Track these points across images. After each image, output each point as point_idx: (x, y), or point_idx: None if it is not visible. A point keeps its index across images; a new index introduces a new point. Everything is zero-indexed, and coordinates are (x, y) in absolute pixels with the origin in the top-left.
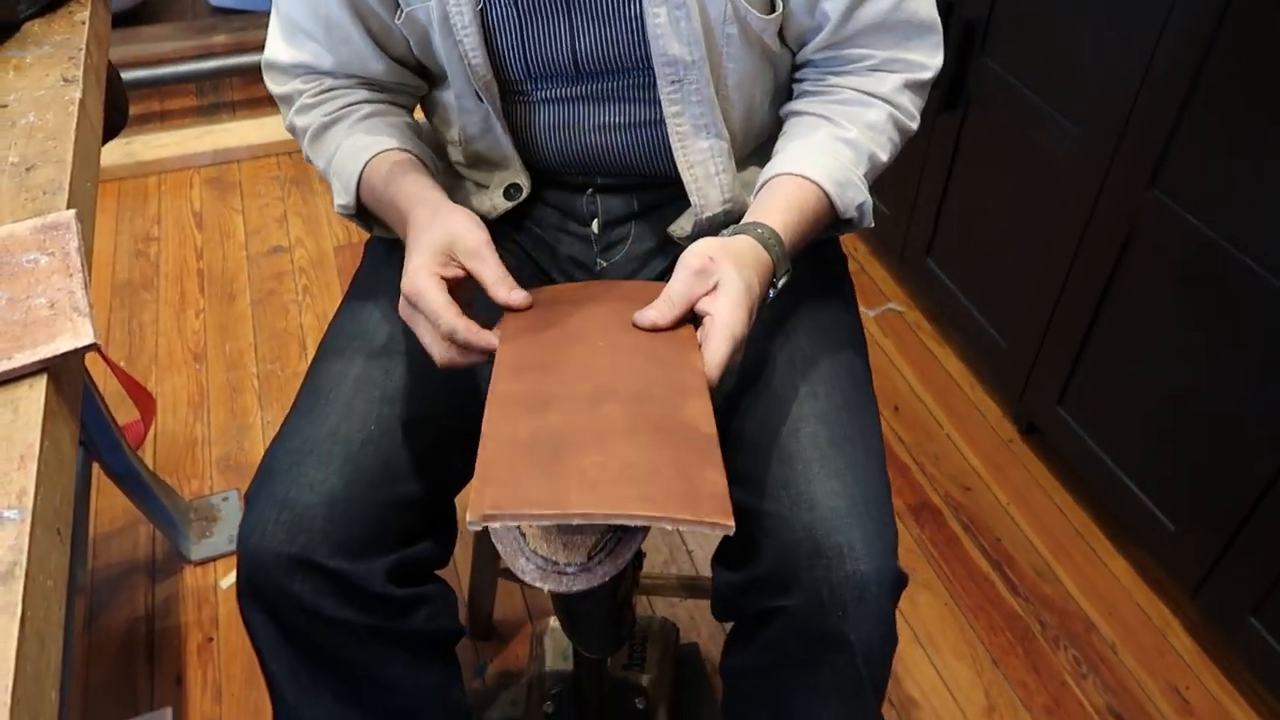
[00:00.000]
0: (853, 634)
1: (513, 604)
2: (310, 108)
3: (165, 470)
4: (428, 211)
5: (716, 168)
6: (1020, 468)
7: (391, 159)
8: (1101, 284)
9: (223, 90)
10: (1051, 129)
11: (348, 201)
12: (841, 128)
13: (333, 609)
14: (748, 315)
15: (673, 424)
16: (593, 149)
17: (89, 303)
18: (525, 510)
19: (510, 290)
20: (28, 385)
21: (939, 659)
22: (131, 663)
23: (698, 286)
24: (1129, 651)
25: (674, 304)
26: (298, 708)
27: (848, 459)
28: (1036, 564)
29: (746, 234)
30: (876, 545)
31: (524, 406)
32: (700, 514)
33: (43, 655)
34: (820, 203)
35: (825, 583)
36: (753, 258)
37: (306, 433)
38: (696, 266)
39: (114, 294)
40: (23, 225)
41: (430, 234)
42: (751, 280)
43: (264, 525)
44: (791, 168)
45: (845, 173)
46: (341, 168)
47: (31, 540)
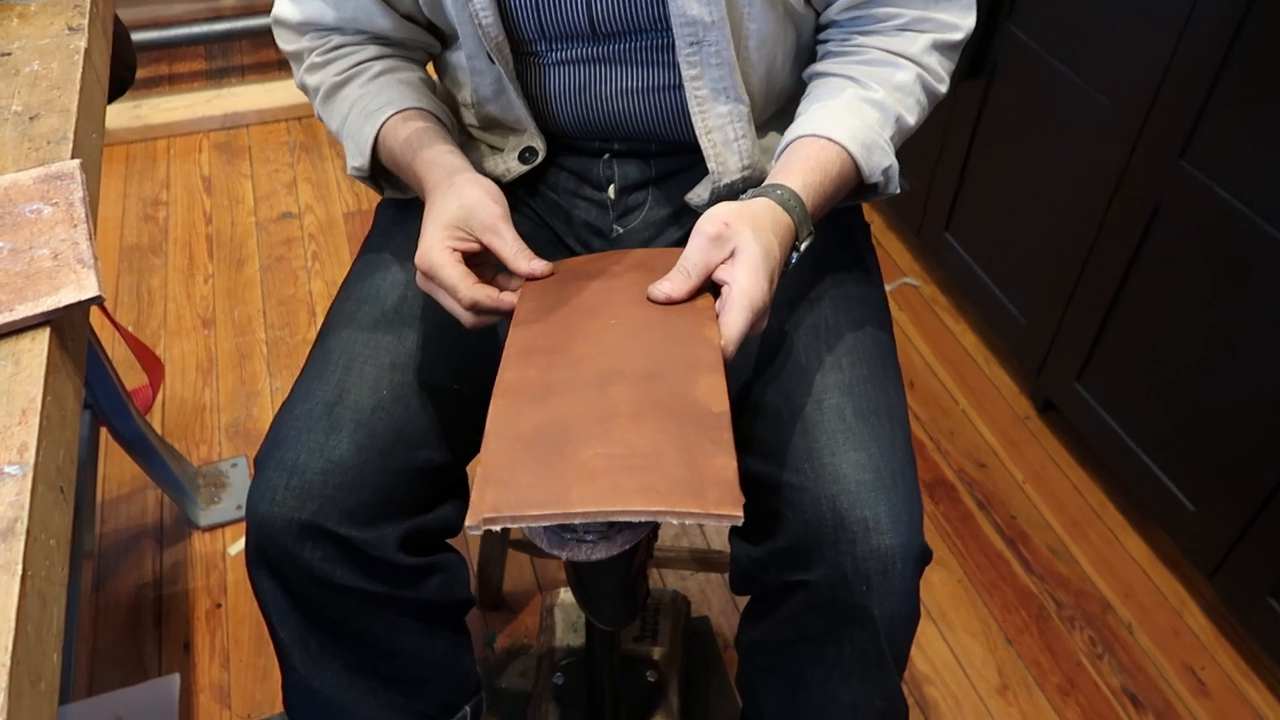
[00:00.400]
0: (876, 609)
1: (522, 575)
2: (320, 66)
3: (173, 436)
4: (444, 182)
5: (735, 133)
6: (1036, 445)
7: (407, 121)
8: (1126, 258)
9: (232, 54)
10: (1079, 100)
11: (362, 164)
12: (868, 89)
13: (343, 577)
14: (768, 282)
15: (682, 404)
16: (608, 114)
17: (94, 254)
18: (525, 511)
19: (530, 261)
20: (30, 338)
21: (952, 636)
22: (139, 628)
23: (714, 254)
24: (1144, 632)
25: (689, 274)
26: (307, 675)
27: (873, 431)
28: (1051, 542)
29: (765, 196)
30: (903, 520)
31: (529, 396)
32: (707, 505)
33: (44, 616)
34: (845, 166)
35: (849, 557)
36: (771, 220)
37: (316, 398)
38: (712, 233)
39: (122, 258)
40: (26, 175)
41: (444, 207)
42: (771, 245)
43: (273, 491)
44: (814, 129)
45: (871, 135)
46: (356, 130)
47: (33, 497)
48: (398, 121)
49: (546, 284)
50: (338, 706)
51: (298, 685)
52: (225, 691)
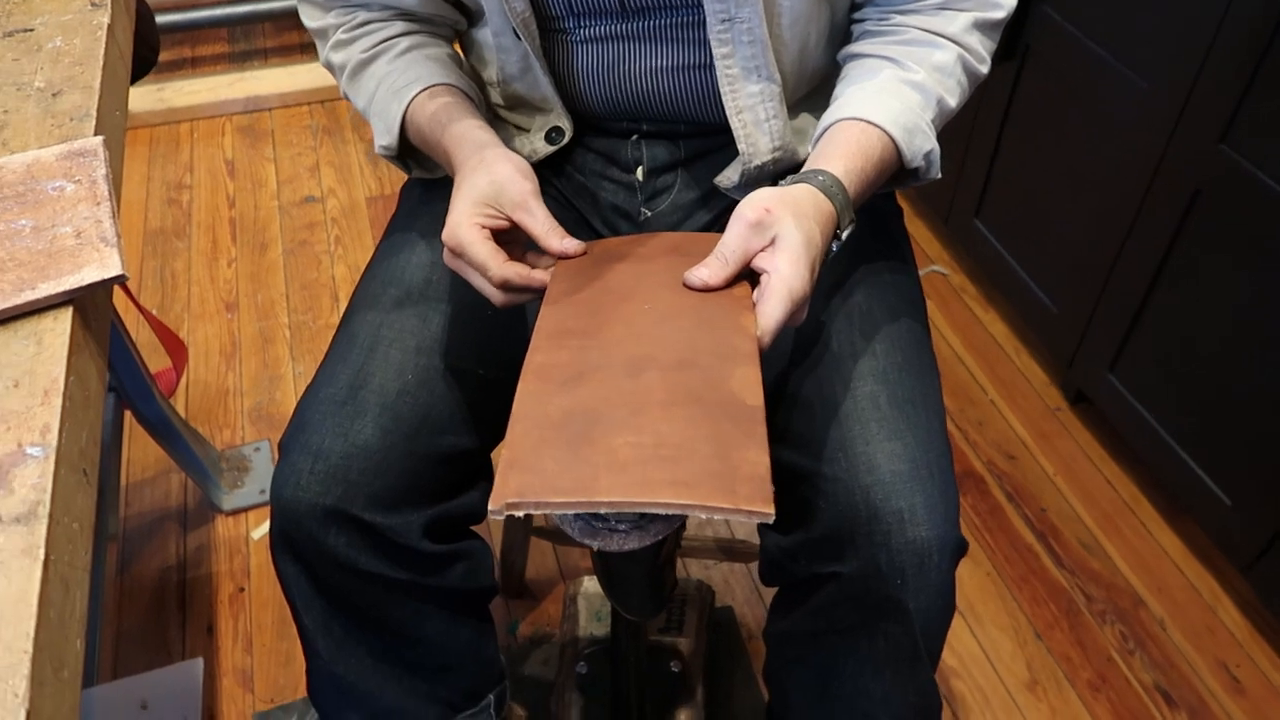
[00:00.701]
0: (911, 602)
1: (545, 562)
2: (346, 43)
3: (197, 419)
4: (473, 157)
5: (767, 113)
6: (1067, 437)
7: (434, 97)
8: (1163, 245)
9: (255, 37)
10: (1116, 82)
11: (390, 143)
12: (907, 70)
13: (368, 563)
14: (809, 272)
15: (716, 395)
16: (637, 93)
17: (117, 232)
18: (550, 498)
19: (561, 239)
20: (52, 317)
21: (980, 629)
22: (163, 612)
23: (754, 241)
24: (1177, 628)
25: (727, 261)
26: (331, 661)
27: (909, 420)
28: (1083, 536)
29: (806, 182)
30: (939, 511)
31: (558, 380)
32: (737, 501)
33: (67, 601)
34: (886, 150)
35: (884, 549)
36: (813, 207)
37: (341, 381)
38: (752, 219)
39: (146, 241)
40: (49, 151)
41: (473, 183)
42: (813, 233)
43: (298, 476)
44: (854, 112)
45: (912, 118)
46: (384, 108)
47: (55, 480)
48: (425, 98)
49: (579, 265)
50: (361, 693)
51: (321, 671)
52: (248, 676)
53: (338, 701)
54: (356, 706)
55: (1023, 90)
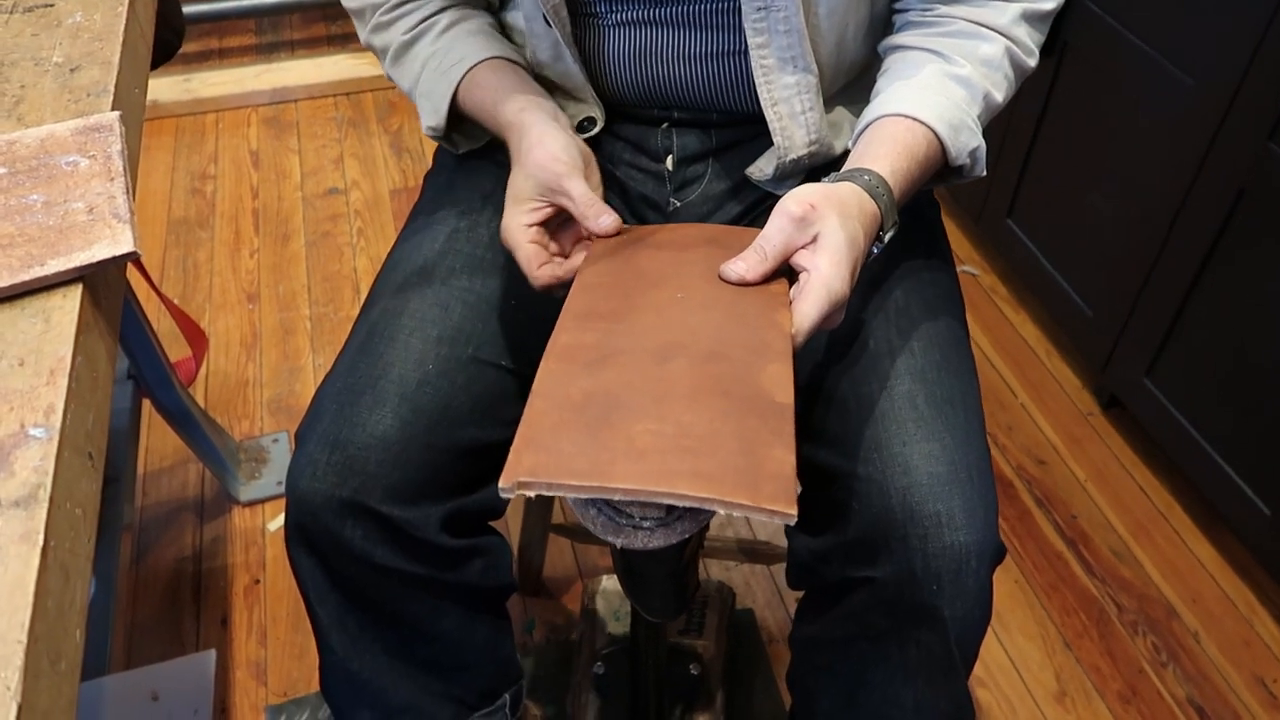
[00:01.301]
0: (947, 610)
1: (563, 560)
2: (387, 25)
3: (216, 410)
4: (516, 148)
5: (803, 105)
6: (1099, 442)
7: (477, 79)
8: (1205, 246)
9: (282, 29)
10: (1158, 78)
11: (437, 124)
12: (953, 63)
13: (384, 557)
14: (850, 273)
15: (745, 389)
16: (668, 80)
17: (130, 209)
18: (563, 480)
19: (598, 216)
20: (61, 295)
21: (1007, 638)
22: (177, 602)
23: (796, 237)
24: (1212, 640)
25: (766, 256)
26: (345, 657)
27: (947, 421)
28: (1114, 544)
29: (851, 181)
30: (978, 515)
31: (582, 361)
32: (759, 499)
33: (67, 590)
34: (931, 147)
35: (920, 554)
36: (858, 208)
37: (360, 371)
38: (797, 214)
39: (169, 231)
40: (63, 126)
41: (514, 181)
42: (856, 234)
43: (314, 466)
44: (898, 108)
45: (958, 114)
46: (430, 89)
47: (58, 463)
48: (469, 83)
49: (612, 250)
50: (375, 689)
51: (335, 666)
52: (262, 668)
53: (351, 698)
54: (370, 704)
55: (1061, 87)
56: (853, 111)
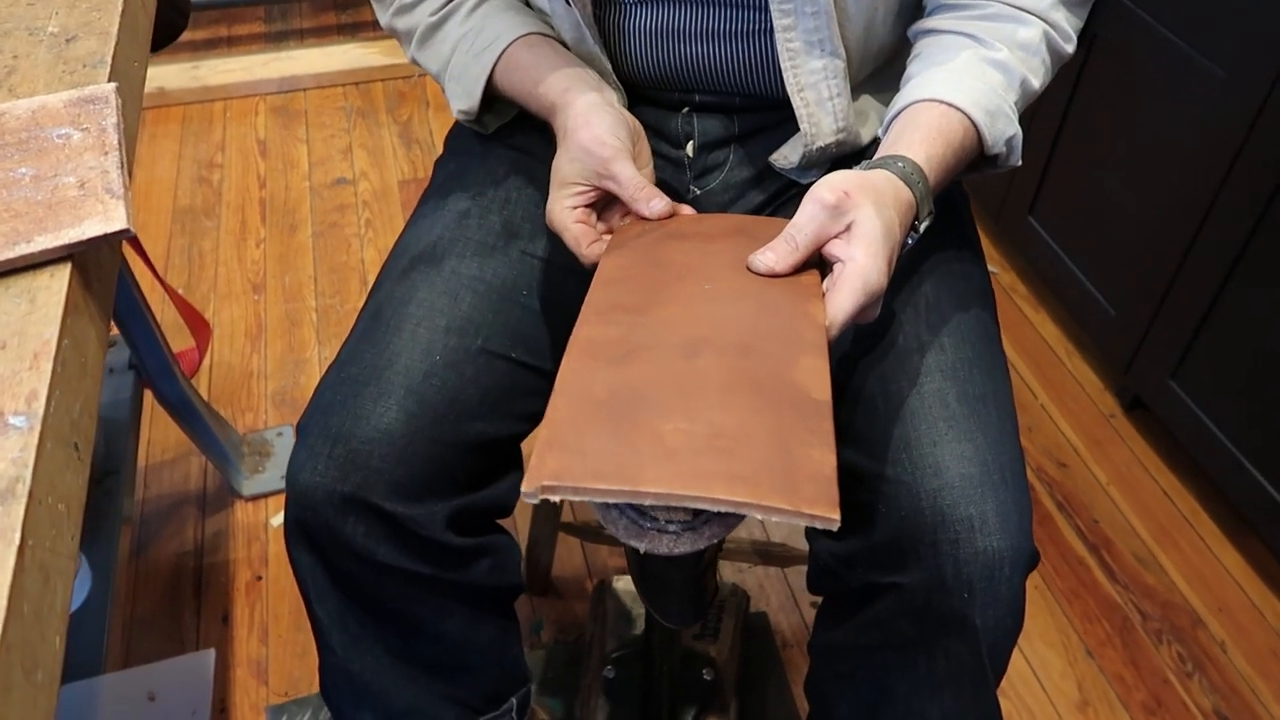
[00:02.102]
0: (978, 619)
1: (571, 559)
2: (411, 7)
3: (219, 402)
4: (560, 131)
5: (830, 91)
6: (1122, 445)
7: (516, 55)
8: (1238, 244)
9: (291, 17)
10: (1189, 71)
11: (470, 107)
12: (990, 48)
13: (386, 555)
14: (887, 264)
15: (778, 385)
16: (690, 61)
17: (125, 184)
18: (590, 484)
19: (649, 201)
20: (48, 274)
21: (1028, 645)
22: (178, 598)
23: (829, 225)
24: (1240, 651)
25: (797, 246)
26: (346, 658)
27: (979, 420)
28: (1138, 550)
29: (885, 168)
30: (1012, 519)
31: (606, 357)
32: (799, 502)
33: (46, 593)
34: (967, 135)
35: (950, 559)
36: (893, 196)
37: (365, 361)
38: (830, 201)
39: (175, 220)
40: (56, 97)
41: (558, 165)
42: (892, 223)
43: (315, 460)
44: (932, 93)
45: (995, 100)
46: (463, 71)
47: (39, 454)
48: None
49: (635, 241)
50: (376, 691)
51: (335, 667)
52: (263, 667)
53: (352, 700)
54: (371, 706)
55: (1087, 79)
56: (880, 100)
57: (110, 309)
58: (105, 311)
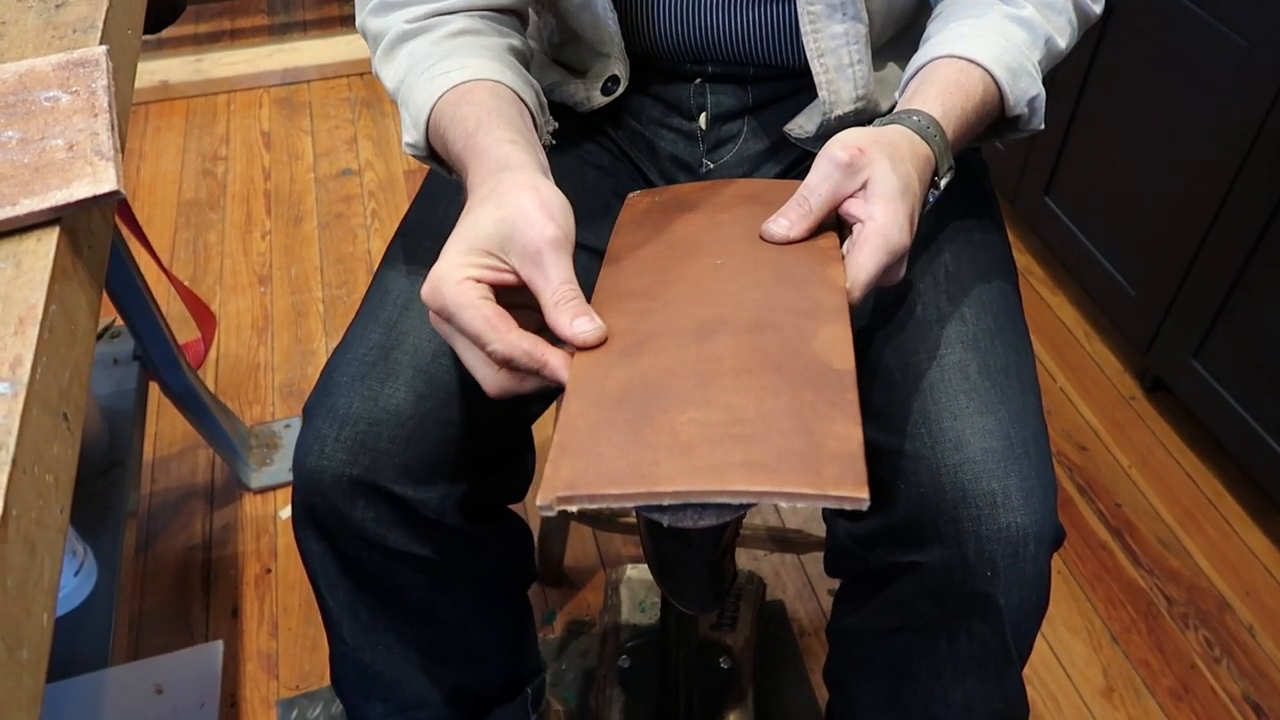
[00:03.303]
0: (1002, 598)
1: (584, 547)
2: (392, 7)
3: (227, 395)
4: (487, 182)
5: (851, 57)
6: (1143, 427)
7: (469, 94)
8: (1261, 219)
9: (294, 9)
10: (1211, 41)
11: (416, 140)
12: (1013, 4)
13: (397, 540)
14: (908, 221)
15: (797, 360)
16: (708, 29)
17: (115, 147)
18: (606, 489)
19: (573, 318)
20: (35, 238)
21: (1051, 631)
22: (186, 591)
23: (844, 184)
24: (1268, 635)
25: (810, 209)
26: (357, 648)
27: (1001, 393)
28: (1161, 533)
29: (899, 123)
30: (1037, 494)
31: (617, 349)
32: (824, 484)
33: (32, 566)
34: (988, 93)
35: (972, 537)
36: (909, 150)
37: (372, 342)
38: (843, 159)
39: (179, 213)
40: (45, 60)
41: (475, 220)
42: (910, 178)
43: (322, 443)
44: (952, 49)
45: (1018, 57)
46: (411, 95)
47: (24, 421)
48: (459, 95)
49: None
50: (388, 681)
51: (346, 658)
52: (273, 660)
53: (363, 691)
54: (383, 697)
55: (1105, 52)
56: (901, 67)
57: (102, 277)
58: (97, 279)
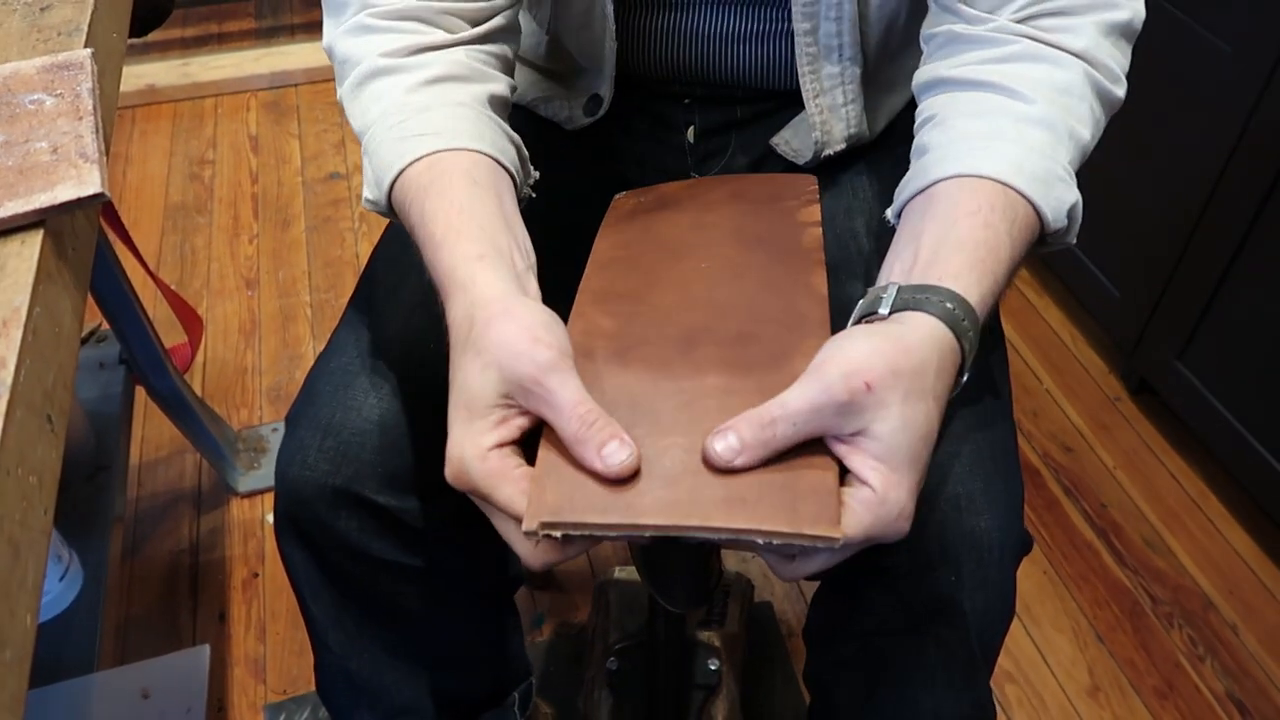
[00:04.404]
0: (966, 602)
1: None
2: (369, 31)
3: (214, 399)
4: (461, 327)
5: (845, 97)
6: (1128, 428)
7: (442, 172)
8: (1244, 222)
9: (281, 12)
10: (1193, 46)
11: (377, 198)
12: (1022, 99)
13: (381, 550)
14: (915, 482)
15: (779, 376)
16: (703, 61)
17: (100, 150)
18: (590, 519)
19: (602, 444)
20: (19, 241)
21: (1037, 631)
22: (173, 596)
23: (833, 424)
24: (1251, 633)
25: (774, 440)
26: (343, 656)
27: (969, 397)
28: (1146, 533)
29: (925, 311)
30: (1002, 500)
31: (603, 355)
32: (799, 523)
33: (16, 567)
34: (1025, 219)
35: (937, 540)
36: (936, 368)
37: (357, 348)
38: (842, 398)
39: (166, 217)
40: (29, 63)
41: (464, 383)
42: (930, 418)
43: (305, 453)
44: (962, 166)
45: (1043, 163)
46: (377, 151)
47: (8, 422)
48: (428, 174)
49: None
50: (375, 689)
51: (332, 666)
52: (260, 665)
53: (351, 699)
54: (370, 705)
55: None
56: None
57: (87, 279)
58: (82, 282)
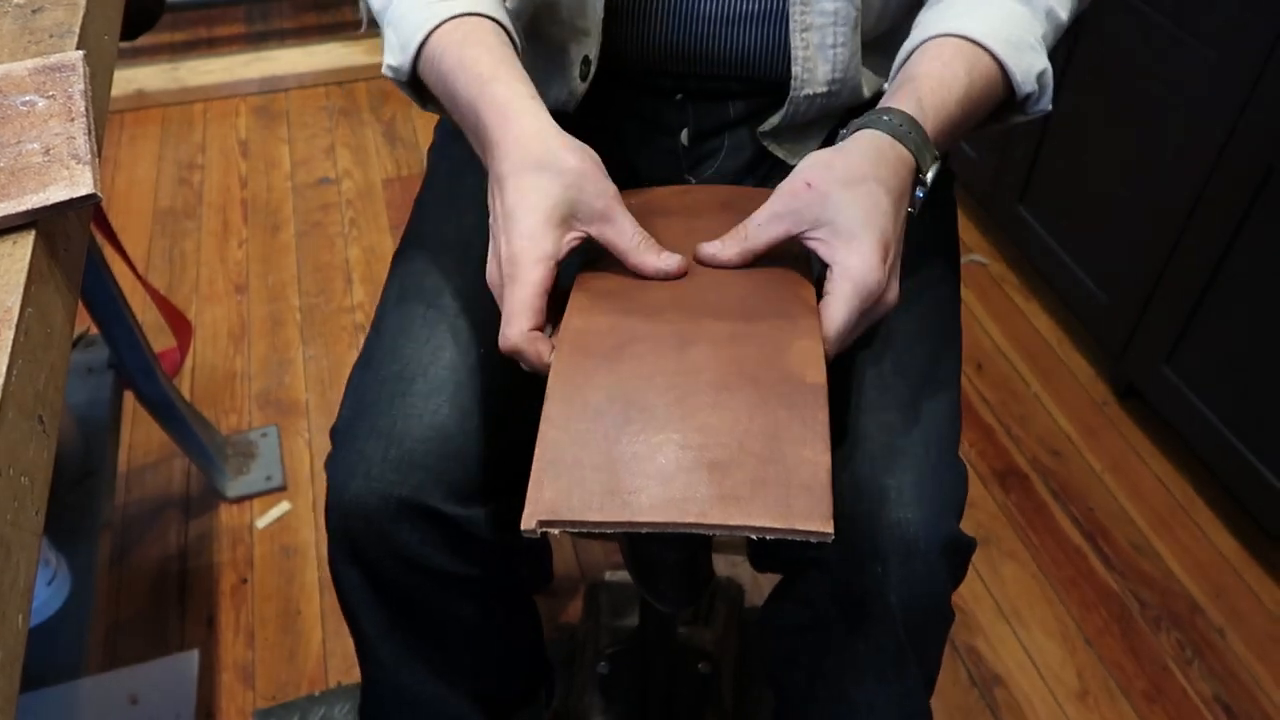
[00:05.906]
0: (893, 595)
1: (562, 553)
2: None
3: (203, 404)
4: (529, 142)
5: (835, 38)
6: (1115, 433)
7: (472, 30)
8: (1230, 228)
9: (272, 17)
10: (1180, 53)
11: (400, 64)
12: None
13: (440, 561)
14: (881, 255)
15: (772, 373)
16: (696, 43)
17: (92, 151)
18: (587, 516)
19: (659, 253)
20: (11, 242)
21: (1026, 635)
22: (162, 602)
23: (793, 224)
24: (1238, 636)
25: (745, 242)
26: (395, 671)
27: (913, 391)
28: (1134, 537)
29: (870, 127)
30: (932, 494)
31: (598, 352)
32: (792, 519)
33: (7, 568)
34: (987, 71)
35: (866, 533)
36: (875, 160)
37: (408, 356)
38: (789, 199)
39: (155, 221)
40: (20, 65)
41: (538, 184)
42: (876, 195)
43: (367, 464)
44: (944, 28)
45: (1017, 30)
46: (403, 16)
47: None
48: (456, 26)
49: None
50: (425, 700)
51: (384, 682)
52: (249, 671)
53: (401, 714)
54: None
55: (1077, 63)
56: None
57: (79, 280)
58: (73, 283)
